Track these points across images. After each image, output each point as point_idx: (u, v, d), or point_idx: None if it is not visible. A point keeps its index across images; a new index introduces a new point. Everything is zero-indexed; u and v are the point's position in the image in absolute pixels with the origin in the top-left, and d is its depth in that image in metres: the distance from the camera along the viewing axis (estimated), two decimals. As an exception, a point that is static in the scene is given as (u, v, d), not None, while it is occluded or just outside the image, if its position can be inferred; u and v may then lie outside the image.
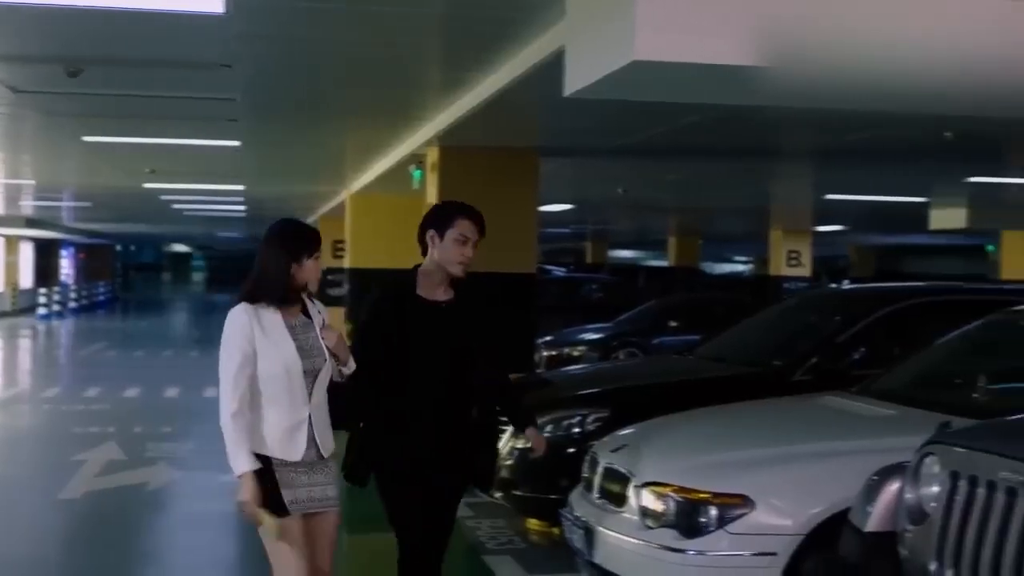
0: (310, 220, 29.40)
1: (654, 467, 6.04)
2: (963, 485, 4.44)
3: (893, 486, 4.92)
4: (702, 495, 5.64)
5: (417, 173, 13.02)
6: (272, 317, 4.91)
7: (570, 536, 6.52)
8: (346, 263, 20.18)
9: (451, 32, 7.60)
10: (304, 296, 5.06)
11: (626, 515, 6.04)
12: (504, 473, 8.55)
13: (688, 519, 5.65)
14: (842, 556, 5.07)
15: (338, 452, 5.18)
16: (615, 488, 6.24)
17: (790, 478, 5.70)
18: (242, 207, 26.56)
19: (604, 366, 13.47)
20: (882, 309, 9.09)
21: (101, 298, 50.31)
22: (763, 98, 5.83)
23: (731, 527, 5.53)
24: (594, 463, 6.59)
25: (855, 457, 5.56)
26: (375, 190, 17.50)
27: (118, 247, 65.36)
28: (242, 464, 4.78)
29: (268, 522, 4.78)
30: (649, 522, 5.84)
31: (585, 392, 8.81)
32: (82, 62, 8.46)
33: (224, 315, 4.94)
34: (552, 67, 6.54)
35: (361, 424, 5.40)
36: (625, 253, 49.62)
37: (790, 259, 27.68)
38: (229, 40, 7.62)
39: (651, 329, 17.26)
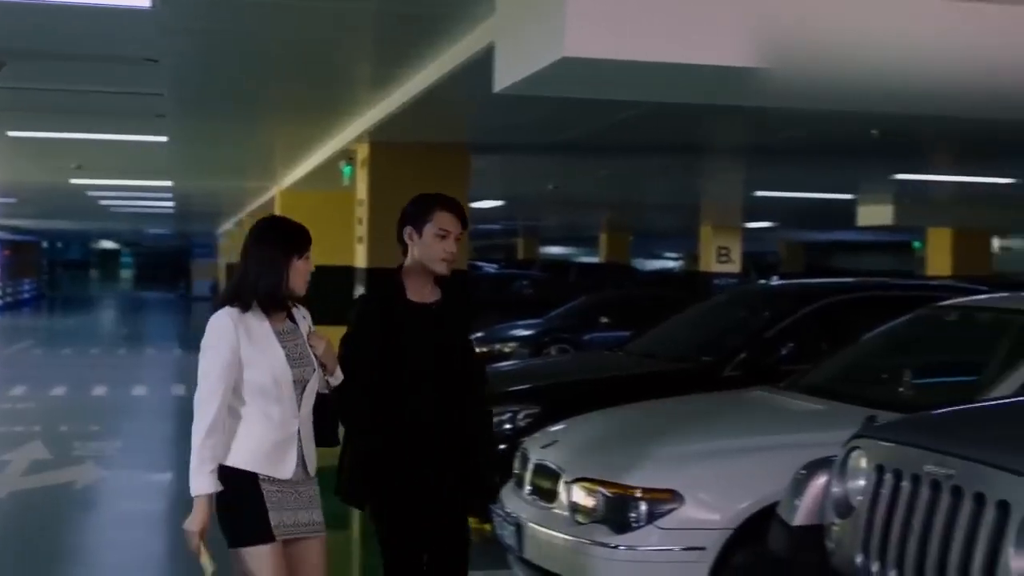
0: (239, 217, 29.24)
1: (584, 463, 6.06)
2: (889, 479, 4.48)
3: (820, 480, 4.96)
4: (632, 490, 5.66)
5: (347, 169, 12.98)
6: (259, 323, 4.53)
7: (501, 532, 6.52)
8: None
9: (381, 28, 7.58)
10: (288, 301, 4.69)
11: (557, 511, 6.05)
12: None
13: (618, 514, 5.67)
14: (770, 550, 5.11)
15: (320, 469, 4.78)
16: (546, 484, 6.25)
17: (719, 473, 5.74)
18: (170, 203, 26.34)
19: (535, 362, 13.47)
20: (810, 305, 9.18)
21: (27, 296, 49.67)
22: (692, 95, 5.86)
23: (661, 522, 5.56)
24: (525, 459, 6.60)
25: (783, 452, 5.60)
26: (305, 186, 17.41)
27: (44, 244, 64.53)
28: (204, 483, 4.37)
29: (208, 564, 4.40)
30: (579, 518, 5.86)
31: (516, 388, 8.81)
32: (5, 56, 8.34)
33: (153, 313, 4.84)
34: (482, 63, 6.53)
35: (355, 438, 5.02)
36: (556, 249, 49.70)
37: (720, 255, 27.85)
38: (155, 34, 7.54)
39: (582, 325, 17.27)
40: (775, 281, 18.20)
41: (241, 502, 4.45)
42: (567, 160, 14.39)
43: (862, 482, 4.69)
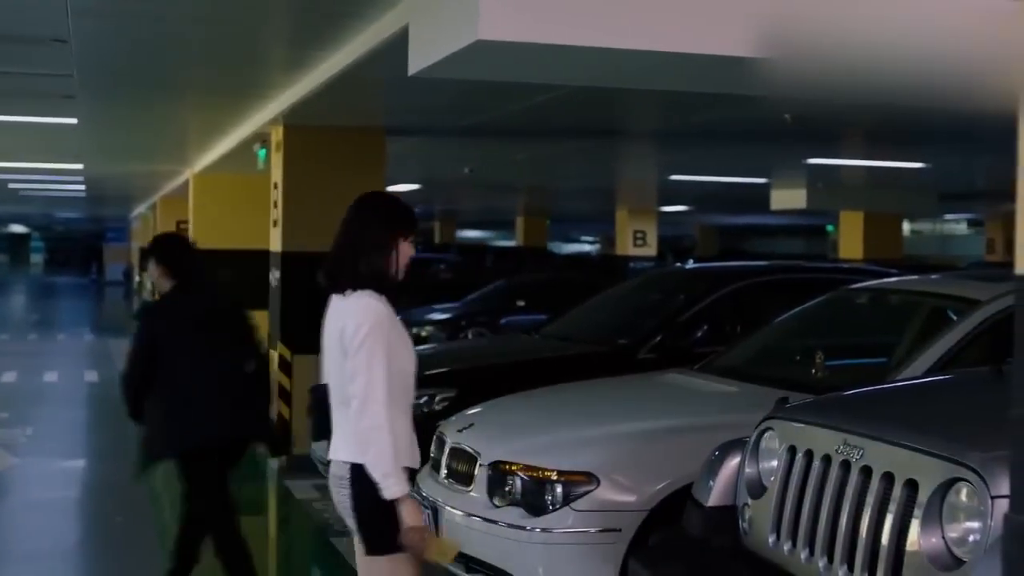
0: (153, 200, 28.89)
1: (500, 446, 6.07)
2: (800, 459, 4.54)
3: (733, 461, 5.01)
4: (547, 473, 5.68)
5: (262, 152, 12.86)
6: (390, 308, 4.33)
7: (417, 516, 6.51)
8: (190, 244, 19.84)
9: (295, 9, 7.51)
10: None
11: (473, 494, 6.06)
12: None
13: (534, 497, 5.69)
14: (685, 531, 5.15)
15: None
16: (462, 468, 6.25)
17: (634, 455, 5.77)
18: (82, 187, 25.93)
19: (451, 345, 13.47)
20: (725, 288, 9.27)
21: (-67, 281, 48.75)
22: (609, 79, 5.87)
23: (576, 504, 5.58)
24: (441, 443, 6.59)
25: (697, 433, 5.65)
26: (220, 169, 17.23)
27: (-49, 228, 63.39)
28: (403, 483, 4.14)
29: (446, 546, 4.31)
30: (496, 500, 5.87)
31: (432, 372, 8.79)
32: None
33: (65, 298, 4.73)
34: (397, 46, 6.49)
35: None
36: (473, 233, 49.69)
37: (636, 239, 27.99)
38: (65, 14, 7.41)
39: (499, 309, 17.28)
40: (690, 264, 18.33)
41: (390, 506, 4.18)
42: (483, 144, 14.37)
43: (774, 463, 4.74)
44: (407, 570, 4.27)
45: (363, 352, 4.17)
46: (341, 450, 4.32)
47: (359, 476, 4.21)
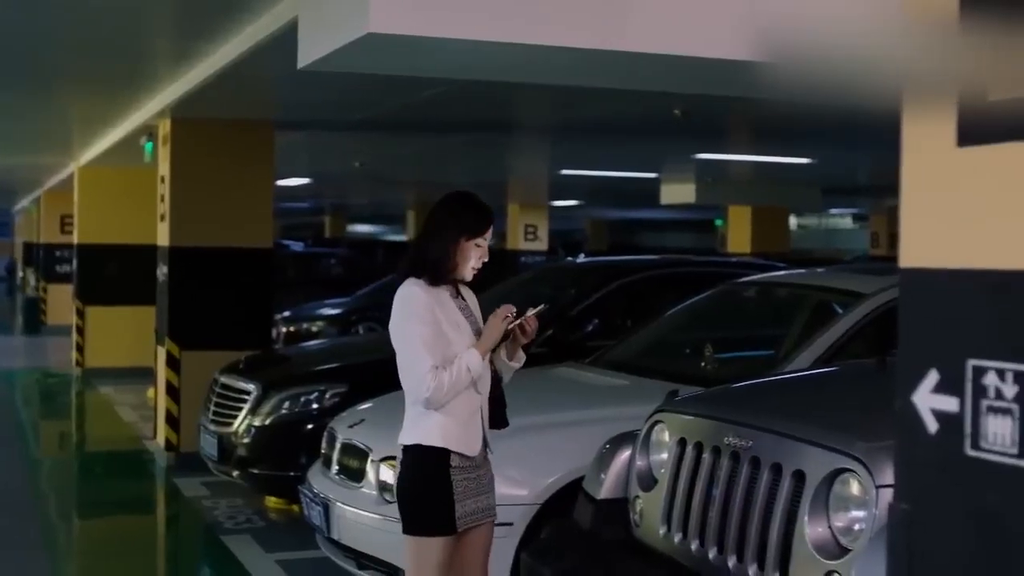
0: (37, 194, 28.31)
1: (392, 441, 6.00)
2: (690, 451, 4.58)
3: (624, 454, 5.04)
4: (440, 468, 5.66)
5: (148, 145, 12.66)
6: (448, 297, 4.66)
7: (309, 513, 6.47)
8: (74, 239, 19.49)
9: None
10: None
11: (364, 490, 6.03)
12: (241, 451, 8.44)
13: (426, 492, 5.66)
14: (577, 524, 5.17)
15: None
16: (353, 463, 6.22)
17: (525, 448, 5.77)
18: (-40, 179, 25.33)
19: (342, 341, 13.40)
20: (615, 282, 9.32)
21: None
22: (503, 73, 5.86)
23: (469, 499, 5.57)
24: (332, 439, 6.55)
25: (588, 426, 5.68)
26: (106, 163, 16.92)
27: None
28: (475, 356, 4.51)
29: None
30: (387, 496, 5.84)
31: (323, 367, 8.76)
32: None
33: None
34: (286, 38, 6.41)
35: None
36: (364, 227, 49.45)
37: (527, 233, 28.06)
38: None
39: (390, 304, 17.21)
40: (581, 259, 18.42)
41: (430, 489, 4.51)
42: (373, 137, 14.30)
43: (664, 455, 4.78)
44: (436, 552, 4.50)
45: (400, 338, 4.55)
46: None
47: (407, 459, 4.60)
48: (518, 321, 4.65)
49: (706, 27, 4.74)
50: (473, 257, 4.64)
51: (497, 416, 4.78)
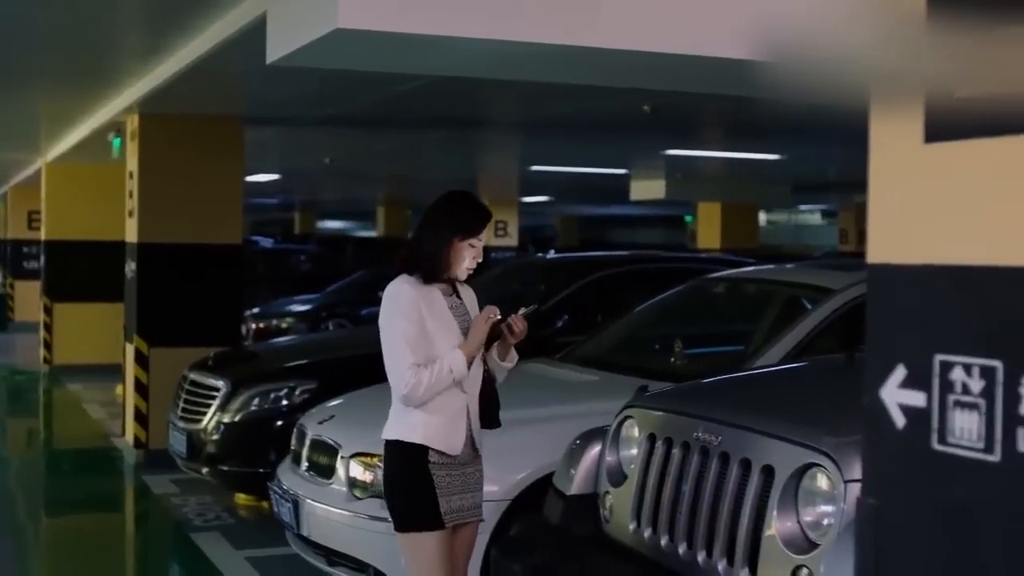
0: (3, 190, 28.12)
1: (361, 438, 6.03)
2: (660, 447, 4.59)
3: (594, 450, 5.04)
4: (410, 464, 5.65)
5: (117, 141, 12.60)
6: (438, 296, 4.68)
7: (278, 510, 6.46)
8: (42, 235, 19.39)
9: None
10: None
11: (334, 487, 6.02)
12: (211, 448, 8.41)
13: (396, 488, 5.65)
14: (547, 519, 5.17)
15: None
16: (323, 460, 6.20)
17: (496, 444, 5.75)
18: (-74, 176, 25.13)
19: (312, 337, 13.37)
20: (585, 277, 9.33)
21: None
22: (471, 69, 5.85)
23: (439, 495, 5.56)
24: (302, 435, 6.54)
25: (558, 422, 5.68)
26: (74, 159, 16.82)
27: None
28: (458, 357, 4.52)
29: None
30: (357, 492, 5.84)
31: (293, 364, 8.74)
32: None
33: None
34: (255, 33, 6.39)
35: None
36: (334, 224, 49.32)
37: (497, 229, 28.07)
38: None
39: (360, 300, 17.19)
40: (551, 255, 18.43)
41: (411, 485, 4.52)
42: (343, 133, 14.27)
43: (634, 450, 4.78)
44: (430, 547, 4.51)
45: (385, 334, 4.57)
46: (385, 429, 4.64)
47: (388, 454, 4.61)
48: (503, 321, 4.65)
49: (678, 24, 4.75)
50: (467, 257, 4.68)
51: (490, 416, 4.79)
